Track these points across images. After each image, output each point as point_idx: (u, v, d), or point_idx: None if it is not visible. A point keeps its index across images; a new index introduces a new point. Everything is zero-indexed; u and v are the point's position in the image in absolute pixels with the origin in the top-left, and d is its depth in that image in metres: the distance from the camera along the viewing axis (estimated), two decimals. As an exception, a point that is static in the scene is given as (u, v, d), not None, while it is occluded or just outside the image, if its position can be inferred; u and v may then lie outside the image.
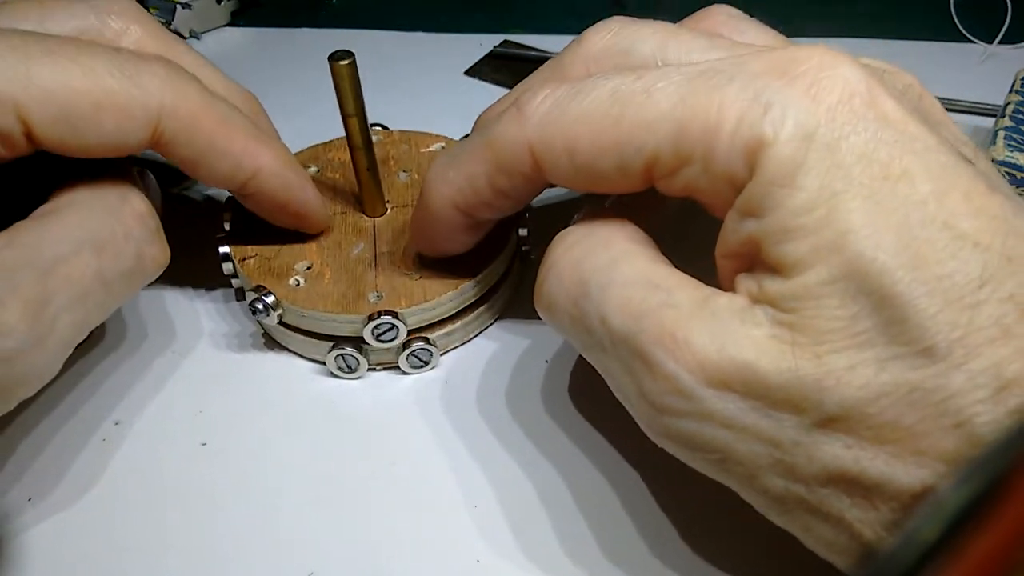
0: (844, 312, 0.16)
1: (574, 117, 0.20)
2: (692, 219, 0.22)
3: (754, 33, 0.23)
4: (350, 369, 0.27)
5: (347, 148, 0.27)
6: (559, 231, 0.22)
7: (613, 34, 0.23)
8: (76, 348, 0.22)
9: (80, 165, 0.23)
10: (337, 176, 0.30)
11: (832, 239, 0.17)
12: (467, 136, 0.23)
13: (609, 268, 0.20)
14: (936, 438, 0.16)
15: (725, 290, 0.19)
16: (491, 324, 0.29)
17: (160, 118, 0.22)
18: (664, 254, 0.21)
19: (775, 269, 0.18)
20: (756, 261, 0.18)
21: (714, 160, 0.18)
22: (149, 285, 0.25)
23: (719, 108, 0.18)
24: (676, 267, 0.20)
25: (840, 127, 0.17)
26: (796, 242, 0.17)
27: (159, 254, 0.24)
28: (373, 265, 0.27)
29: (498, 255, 0.27)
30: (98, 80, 0.22)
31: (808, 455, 0.17)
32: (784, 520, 0.18)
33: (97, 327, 0.28)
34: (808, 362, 0.17)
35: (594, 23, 0.24)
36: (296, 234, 0.28)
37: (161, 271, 0.25)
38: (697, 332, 0.18)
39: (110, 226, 0.22)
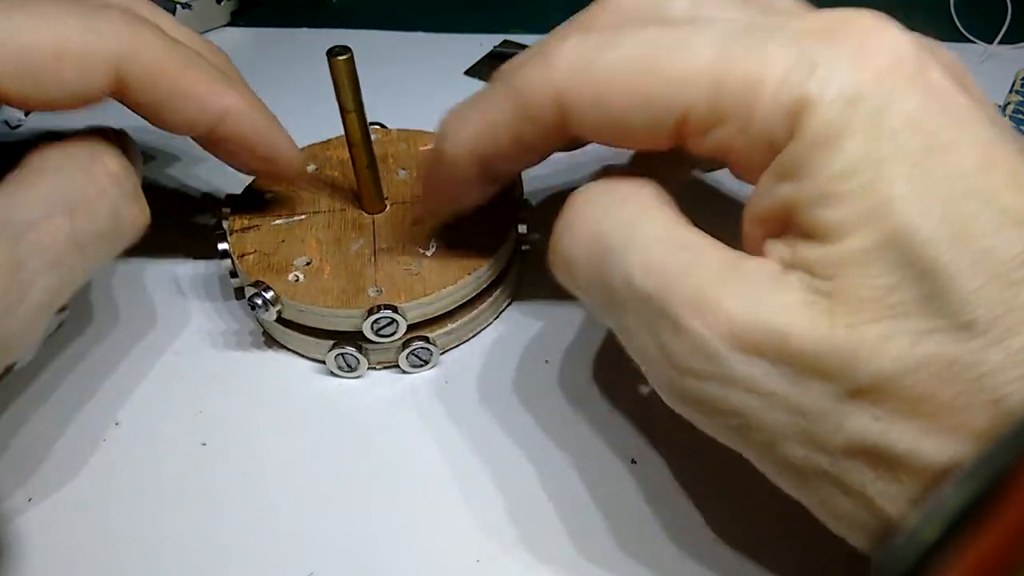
0: (883, 281, 0.16)
1: (605, 67, 0.19)
2: (707, 191, 0.21)
3: (786, 3, 0.22)
4: (350, 368, 0.27)
5: (346, 146, 0.27)
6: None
7: None
8: (75, 347, 0.22)
9: (54, 135, 0.23)
10: (336, 174, 0.30)
11: (875, 206, 0.16)
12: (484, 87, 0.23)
13: (632, 226, 0.19)
14: (971, 414, 0.15)
15: (759, 241, 0.18)
16: (491, 323, 0.29)
17: (120, 63, 0.22)
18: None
19: (812, 234, 0.17)
20: (790, 226, 0.18)
21: (753, 119, 0.18)
22: (150, 286, 0.25)
23: (763, 65, 0.17)
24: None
25: (887, 92, 0.17)
26: (837, 207, 0.17)
27: (137, 214, 0.24)
28: (372, 261, 0.27)
29: (498, 249, 0.27)
30: (55, 29, 0.21)
31: (835, 425, 0.16)
32: (801, 492, 0.18)
33: (97, 327, 0.28)
34: (843, 330, 0.16)
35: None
36: (296, 230, 0.28)
37: (141, 232, 0.24)
38: (728, 295, 0.17)
39: (82, 186, 0.22)
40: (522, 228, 0.28)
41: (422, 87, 0.40)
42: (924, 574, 0.14)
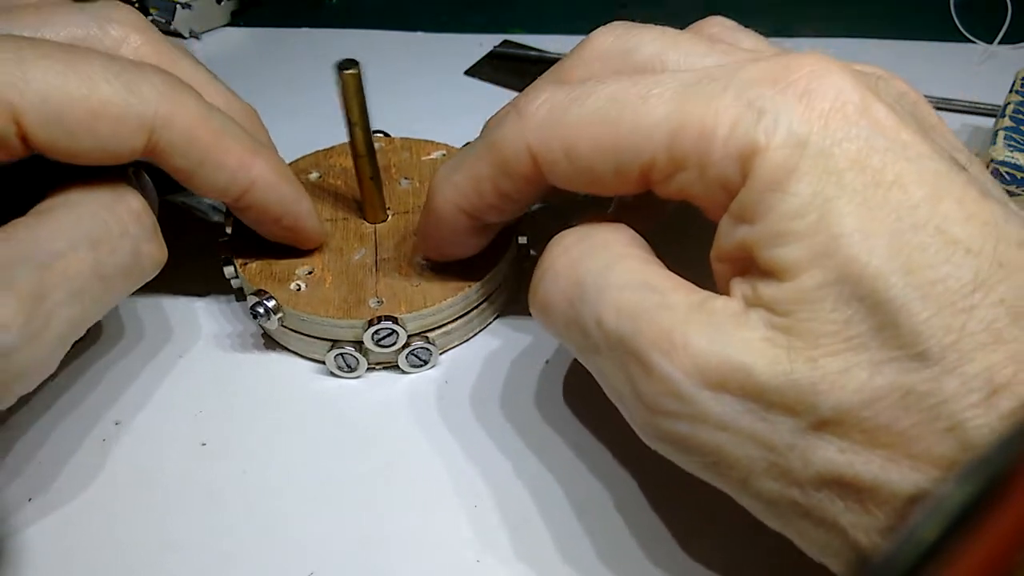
0: (838, 316, 0.17)
1: (572, 120, 0.20)
2: (691, 222, 0.22)
3: (750, 43, 0.23)
4: (350, 368, 0.27)
5: (349, 154, 0.27)
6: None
7: (615, 37, 0.23)
8: (76, 346, 0.22)
9: (77, 168, 0.23)
10: (339, 182, 0.30)
11: (825, 243, 0.17)
12: (470, 143, 0.24)
13: (605, 270, 0.20)
14: (929, 442, 0.16)
15: (720, 294, 0.19)
16: (491, 323, 0.29)
17: (155, 128, 0.23)
18: (663, 256, 0.21)
19: (769, 273, 0.18)
20: (750, 265, 0.18)
21: (708, 166, 0.19)
22: (150, 286, 0.25)
23: (714, 115, 0.18)
24: (674, 270, 0.20)
25: (832, 134, 0.17)
26: (789, 246, 0.17)
27: (156, 251, 0.24)
28: (374, 271, 0.27)
29: (498, 262, 0.27)
30: (94, 87, 0.22)
31: (802, 458, 0.17)
32: (778, 524, 0.19)
33: (97, 327, 0.28)
34: (803, 365, 0.17)
35: (593, 22, 0.24)
36: None
37: (158, 269, 0.25)
38: (694, 334, 0.18)
39: (106, 223, 0.23)
40: (522, 239, 0.28)
41: (422, 87, 0.40)
42: (923, 574, 0.14)
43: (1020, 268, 0.16)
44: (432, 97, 0.39)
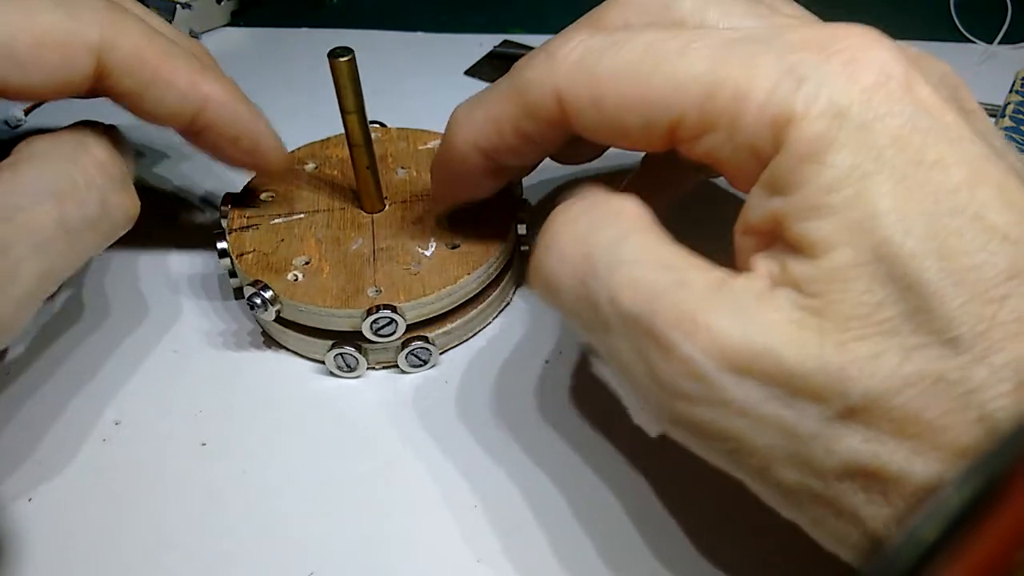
0: (870, 297, 0.16)
1: (605, 67, 0.20)
2: (706, 205, 0.21)
3: (790, 9, 0.22)
4: (349, 368, 0.27)
5: (345, 144, 0.27)
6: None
7: None
8: (77, 347, 0.22)
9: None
10: (335, 172, 0.30)
11: (860, 220, 0.16)
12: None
13: (617, 244, 0.19)
14: (957, 432, 0.15)
15: (742, 270, 0.18)
16: (490, 323, 0.29)
17: (102, 51, 0.23)
18: (679, 236, 0.20)
19: (799, 248, 0.17)
20: (778, 239, 0.18)
21: (739, 129, 0.18)
22: (150, 285, 0.25)
23: (751, 77, 0.18)
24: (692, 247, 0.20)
25: (875, 108, 0.17)
26: (823, 220, 0.17)
27: (127, 203, 0.24)
28: (372, 260, 0.27)
29: (498, 249, 0.27)
30: (36, 16, 0.22)
31: (826, 447, 0.16)
32: (794, 513, 0.18)
33: (98, 326, 0.28)
34: (833, 349, 0.16)
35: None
36: (295, 228, 0.28)
37: (130, 222, 0.25)
38: (717, 315, 0.17)
39: (69, 174, 0.22)
40: (521, 229, 0.28)
41: (422, 87, 0.40)
42: (924, 574, 0.14)
43: None
44: (432, 97, 0.39)
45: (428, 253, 0.27)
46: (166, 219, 0.33)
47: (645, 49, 0.19)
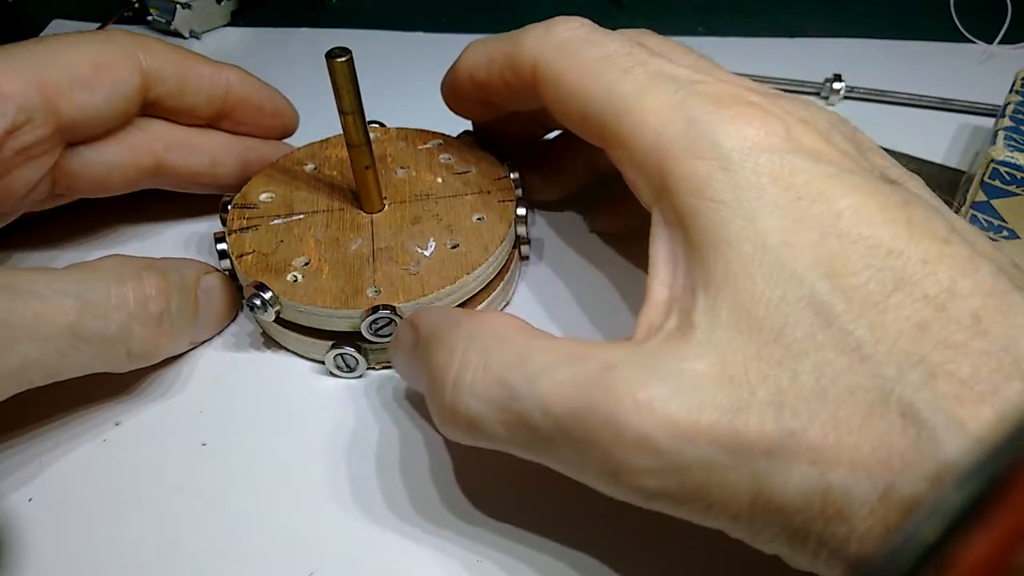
0: (774, 323, 0.17)
1: (573, 58, 0.23)
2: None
3: (719, 72, 0.24)
4: (349, 368, 0.27)
5: (343, 145, 0.27)
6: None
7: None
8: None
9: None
10: (334, 173, 0.30)
11: (752, 252, 0.18)
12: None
13: (525, 360, 0.19)
14: (886, 434, 0.16)
15: (660, 313, 0.20)
16: (491, 324, 0.29)
17: (142, 64, 0.28)
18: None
19: (702, 285, 0.19)
20: (681, 276, 0.19)
21: (635, 153, 0.21)
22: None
23: (654, 111, 0.20)
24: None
25: (756, 154, 0.19)
26: (714, 254, 0.18)
27: (148, 338, 0.24)
28: (371, 260, 0.27)
29: (496, 250, 0.27)
30: (85, 47, 0.27)
31: (782, 482, 0.17)
32: (770, 548, 0.18)
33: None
34: (758, 384, 0.17)
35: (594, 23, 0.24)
36: (294, 229, 0.28)
37: (149, 359, 0.25)
38: (650, 387, 0.17)
39: (106, 291, 0.23)
40: (521, 229, 0.28)
41: (422, 87, 0.40)
42: (924, 574, 0.14)
43: (941, 261, 0.17)
44: (432, 97, 0.39)
45: (427, 253, 0.27)
46: (166, 219, 0.33)
47: (605, 57, 0.22)
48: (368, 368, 0.27)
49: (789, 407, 0.17)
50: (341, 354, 0.26)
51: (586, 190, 0.32)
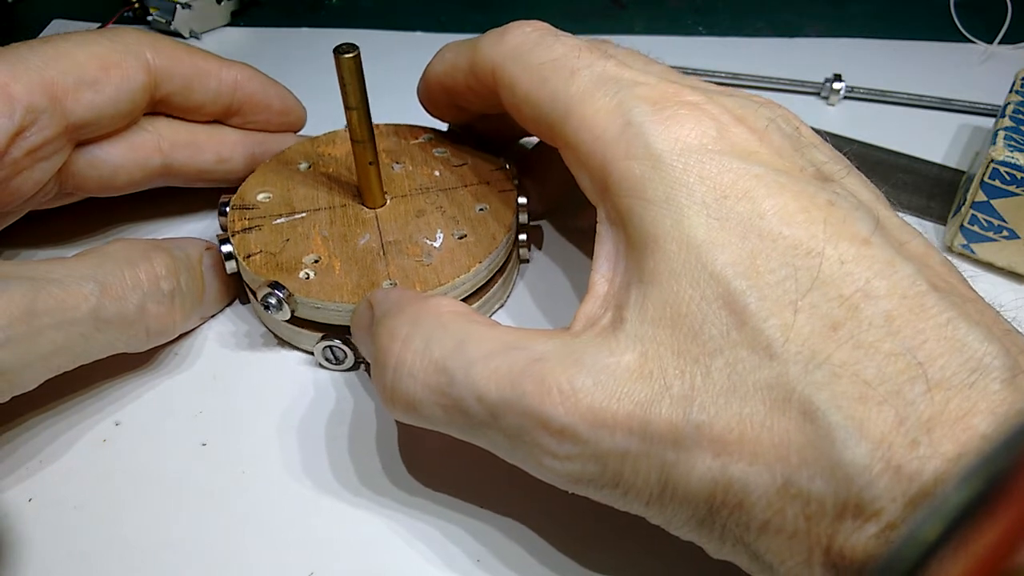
0: (694, 321, 0.18)
1: (526, 61, 0.23)
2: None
3: (670, 74, 0.24)
4: (338, 361, 0.27)
5: (336, 142, 0.27)
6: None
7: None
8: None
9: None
10: (330, 170, 0.30)
11: (677, 251, 0.18)
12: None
13: (462, 346, 0.20)
14: (785, 431, 0.16)
15: (598, 307, 0.20)
16: (495, 311, 0.29)
17: (150, 62, 0.28)
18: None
19: (635, 282, 0.19)
20: (620, 272, 0.20)
21: (579, 154, 0.21)
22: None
23: (593, 113, 0.21)
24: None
25: (686, 154, 0.19)
26: (646, 252, 0.19)
27: (163, 315, 0.25)
28: (382, 254, 0.27)
29: (504, 239, 0.27)
30: (94, 47, 0.27)
31: (687, 474, 0.17)
32: (684, 534, 0.19)
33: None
34: (675, 379, 0.18)
35: (593, 22, 0.24)
36: (299, 227, 0.28)
37: (165, 335, 0.26)
38: (577, 377, 0.18)
39: (120, 273, 0.24)
40: (523, 216, 0.28)
41: (422, 87, 0.40)
42: (924, 574, 0.14)
43: (858, 262, 0.17)
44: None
45: (437, 244, 0.27)
46: (165, 220, 0.33)
47: (554, 60, 0.23)
48: (359, 360, 0.27)
49: (699, 402, 0.17)
50: (330, 346, 0.26)
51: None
